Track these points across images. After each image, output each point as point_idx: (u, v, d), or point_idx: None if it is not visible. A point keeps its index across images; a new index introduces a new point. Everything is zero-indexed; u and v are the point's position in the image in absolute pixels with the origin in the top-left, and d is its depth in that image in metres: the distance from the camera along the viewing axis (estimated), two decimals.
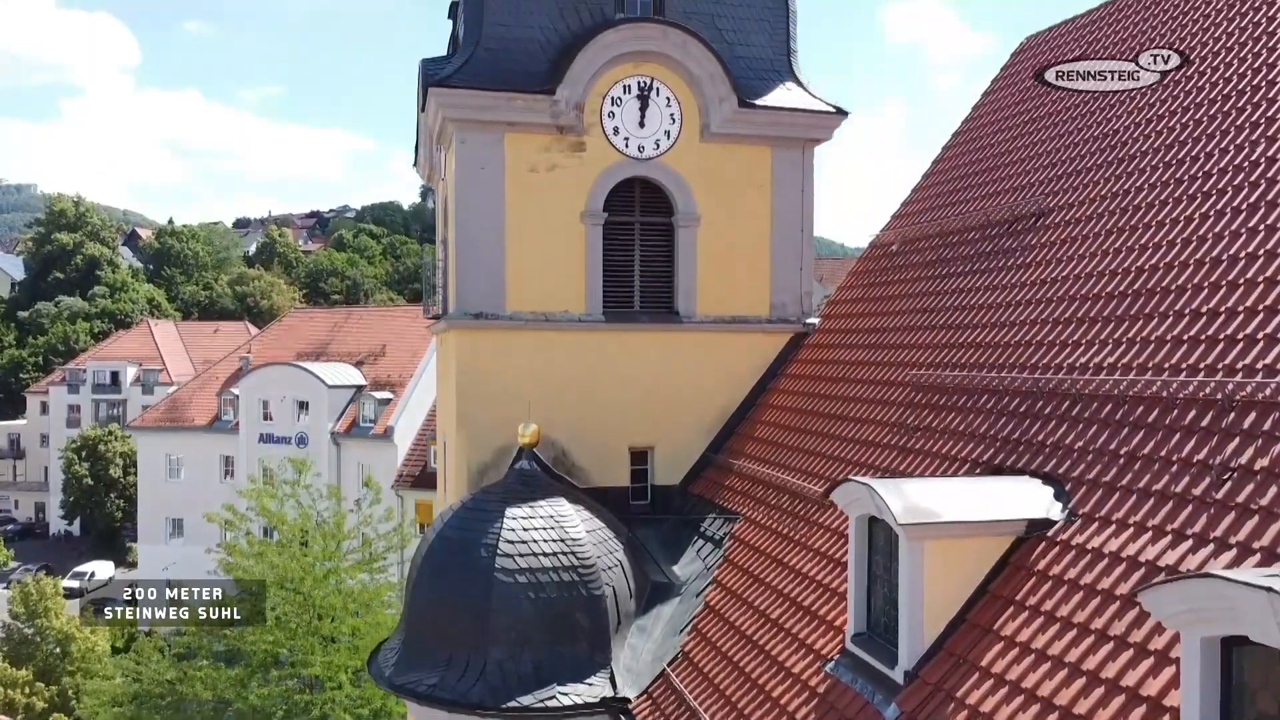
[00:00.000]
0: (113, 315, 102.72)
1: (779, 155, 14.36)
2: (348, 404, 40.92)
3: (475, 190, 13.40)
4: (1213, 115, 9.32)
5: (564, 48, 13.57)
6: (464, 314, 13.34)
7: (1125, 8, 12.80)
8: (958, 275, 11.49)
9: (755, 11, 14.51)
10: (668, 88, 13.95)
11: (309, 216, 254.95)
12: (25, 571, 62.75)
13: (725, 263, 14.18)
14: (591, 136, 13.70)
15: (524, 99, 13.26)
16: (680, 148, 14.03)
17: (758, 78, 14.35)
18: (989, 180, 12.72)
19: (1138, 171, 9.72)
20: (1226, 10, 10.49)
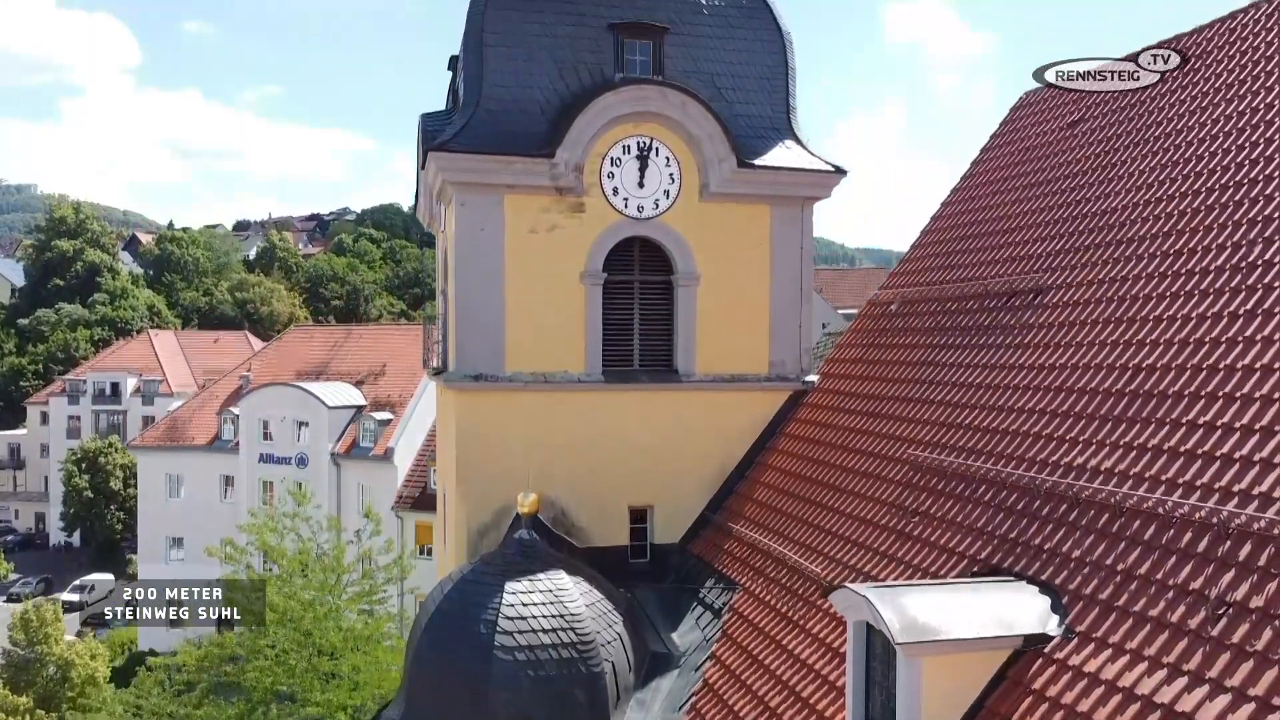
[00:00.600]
0: (113, 323, 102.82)
1: (778, 213, 14.40)
2: (348, 424, 40.94)
3: (475, 252, 13.43)
4: (1211, 206, 9.35)
5: (563, 108, 13.60)
6: (464, 376, 13.37)
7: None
8: (956, 348, 11.51)
9: (755, 70, 14.53)
10: (667, 147, 13.99)
11: (309, 219, 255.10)
12: (25, 584, 62.93)
13: (724, 321, 14.21)
14: (591, 197, 13.74)
15: (524, 162, 13.29)
16: (679, 207, 14.07)
17: (757, 136, 14.38)
18: (987, 245, 12.76)
19: (1136, 258, 9.74)
20: (1224, 93, 10.51)
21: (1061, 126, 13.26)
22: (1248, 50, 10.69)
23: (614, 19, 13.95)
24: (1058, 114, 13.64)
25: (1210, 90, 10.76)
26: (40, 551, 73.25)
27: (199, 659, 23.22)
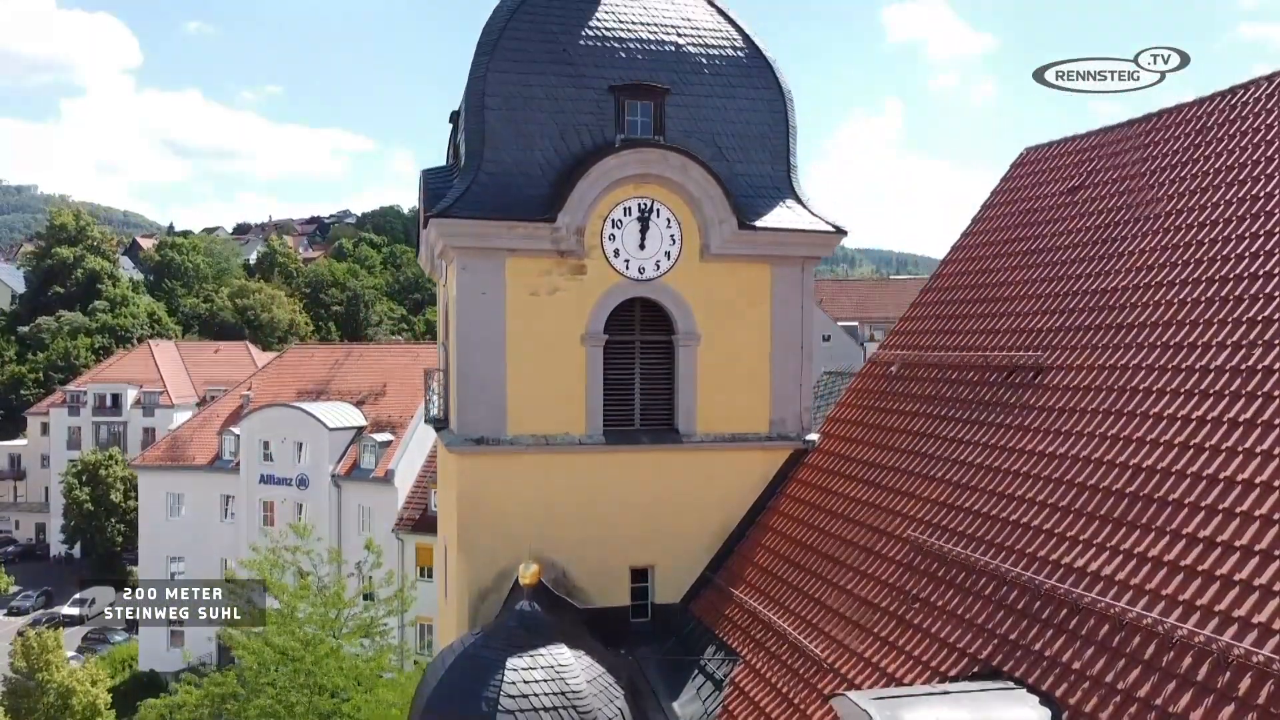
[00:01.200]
0: (113, 330, 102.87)
1: (778, 273, 14.42)
2: (348, 445, 41.01)
3: (477, 315, 13.46)
4: (1212, 299, 9.37)
5: (564, 171, 13.62)
6: (465, 440, 13.39)
7: (1128, 138, 12.86)
8: (957, 422, 11.54)
9: (756, 129, 14.56)
10: (668, 208, 14.02)
11: (309, 222, 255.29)
12: (25, 598, 63.02)
13: (725, 380, 14.24)
14: (592, 259, 13.77)
15: (525, 227, 13.33)
16: (680, 268, 14.10)
17: (758, 195, 14.41)
18: (987, 313, 12.78)
19: (1137, 347, 9.76)
20: (1227, 175, 10.53)
21: (1062, 191, 13.28)
22: (1249, 131, 10.71)
23: (615, 81, 13.98)
24: (1058, 177, 13.66)
25: (1212, 170, 10.78)
26: (41, 563, 73.37)
27: (199, 698, 23.27)
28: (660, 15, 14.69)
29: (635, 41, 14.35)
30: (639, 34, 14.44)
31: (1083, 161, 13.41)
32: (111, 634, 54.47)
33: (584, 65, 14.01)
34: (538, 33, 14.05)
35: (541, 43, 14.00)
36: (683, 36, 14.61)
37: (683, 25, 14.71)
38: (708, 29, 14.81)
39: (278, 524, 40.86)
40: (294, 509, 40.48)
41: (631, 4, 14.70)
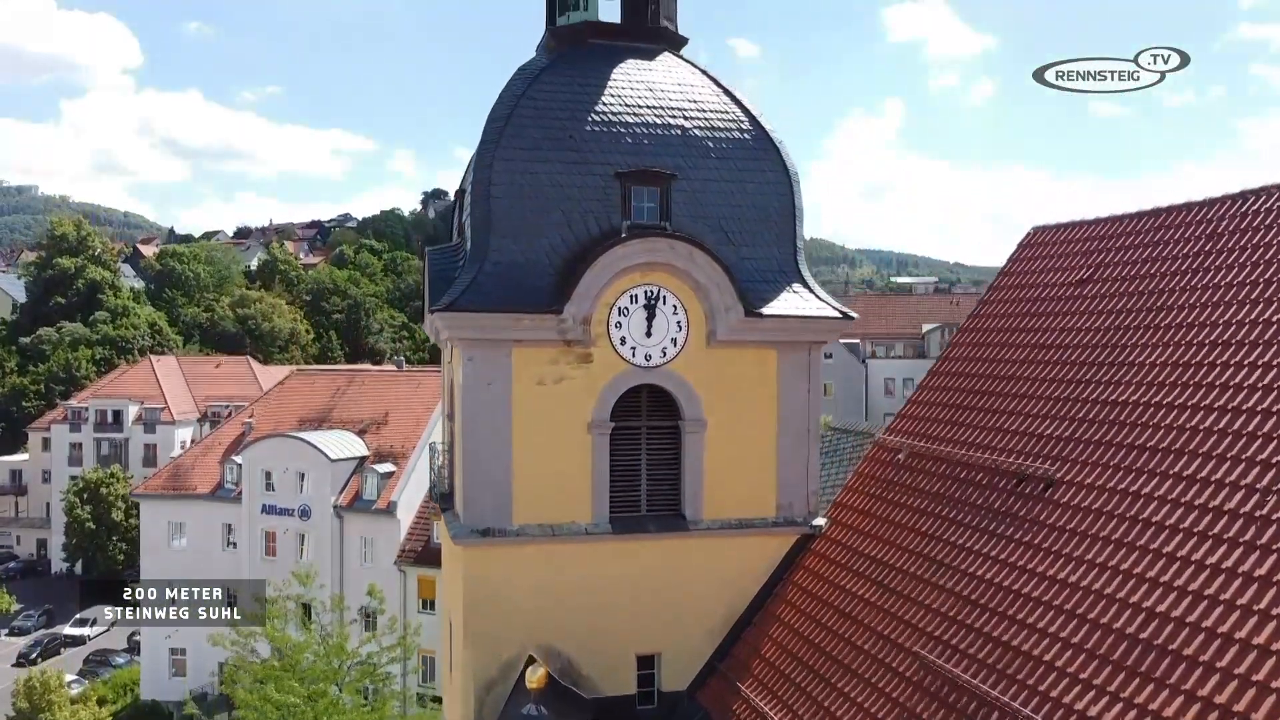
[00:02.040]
0: (114, 342, 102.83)
1: (785, 357, 14.37)
2: (350, 475, 40.97)
3: (483, 405, 13.41)
4: (1224, 432, 9.31)
5: (570, 259, 13.57)
6: (471, 531, 13.35)
7: (1136, 231, 12.81)
8: (965, 528, 11.49)
9: (762, 212, 14.51)
10: (674, 295, 13.97)
11: (310, 226, 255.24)
12: (27, 617, 62.98)
13: (732, 465, 14.19)
14: (599, 347, 13.72)
15: (532, 318, 13.29)
16: (687, 354, 14.05)
17: (764, 280, 14.36)
18: (996, 409, 12.74)
19: (1148, 473, 9.72)
20: (1238, 292, 10.49)
21: (1070, 282, 13.24)
22: (1260, 246, 10.66)
23: (621, 166, 13.93)
24: (1066, 265, 13.62)
25: (1223, 284, 10.74)
26: (42, 579, 73.34)
27: None
28: (666, 98, 14.65)
29: (641, 126, 14.30)
30: (645, 118, 14.40)
31: (1091, 251, 13.37)
32: (113, 656, 54.48)
33: (590, 151, 13.96)
34: (543, 119, 14.00)
35: (547, 130, 13.95)
36: (689, 119, 14.56)
37: (689, 108, 14.67)
38: (714, 110, 14.77)
39: (279, 554, 40.91)
40: (295, 539, 40.48)
41: (637, 86, 14.67)
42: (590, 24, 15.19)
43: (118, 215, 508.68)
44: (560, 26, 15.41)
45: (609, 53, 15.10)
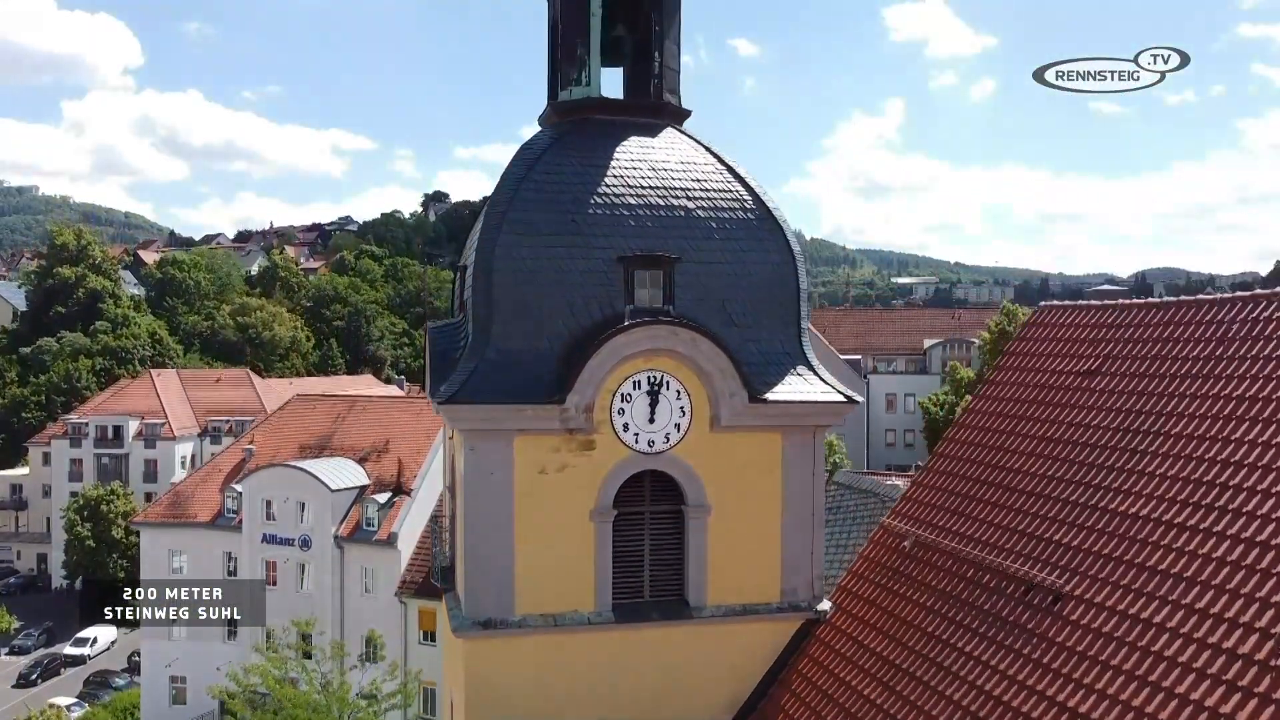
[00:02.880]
0: (115, 352, 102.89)
1: (789, 440, 14.24)
2: (351, 505, 40.88)
3: (485, 495, 13.28)
4: (1237, 565, 9.18)
5: (573, 347, 13.45)
6: (473, 623, 13.23)
7: (1145, 324, 12.69)
8: (972, 634, 11.37)
9: (766, 293, 14.37)
10: (678, 381, 13.84)
11: (310, 229, 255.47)
12: (28, 636, 62.92)
13: (736, 550, 14.06)
14: (601, 434, 13.59)
15: (534, 409, 13.16)
16: (690, 440, 13.92)
17: (768, 363, 14.22)
18: (1003, 504, 12.61)
19: (1159, 600, 9.58)
20: (1250, 408, 10.35)
21: (1078, 372, 13.12)
22: (1273, 358, 10.54)
23: (624, 250, 13.79)
24: (1074, 352, 13.50)
25: (1234, 397, 10.61)
26: (42, 595, 73.31)
27: None
28: (669, 178, 14.51)
29: (644, 208, 14.17)
30: (648, 199, 14.26)
31: (1100, 340, 13.24)
32: (113, 678, 54.40)
33: (592, 235, 13.83)
34: (546, 204, 13.87)
35: (549, 214, 13.82)
36: (692, 199, 14.43)
37: (693, 187, 14.53)
38: (717, 189, 14.63)
39: (280, 583, 40.82)
40: (296, 569, 40.41)
41: (640, 166, 14.53)
42: (592, 100, 15.06)
43: (118, 216, 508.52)
44: (562, 101, 15.28)
45: (611, 129, 14.97)
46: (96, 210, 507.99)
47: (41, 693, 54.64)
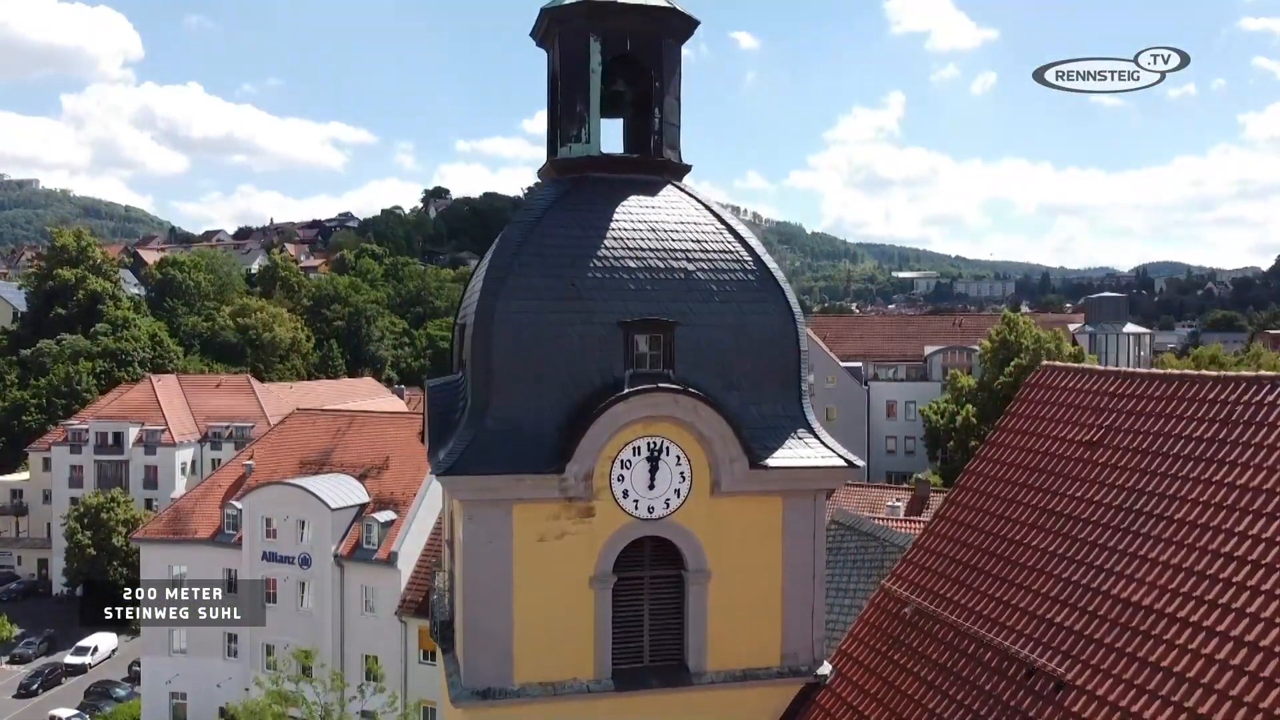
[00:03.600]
0: (115, 355, 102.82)
1: (790, 505, 14.16)
2: (351, 523, 40.84)
3: (484, 564, 13.22)
4: (1240, 669, 9.13)
5: (572, 414, 13.37)
6: (471, 693, 13.18)
7: (1148, 396, 12.61)
8: (972, 715, 11.32)
9: (766, 355, 14.27)
10: (678, 446, 13.77)
11: (310, 226, 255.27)
12: (28, 645, 62.96)
13: (736, 614, 14.00)
14: (601, 501, 13.53)
15: (533, 479, 13.09)
16: (690, 505, 13.85)
17: (768, 427, 14.13)
18: (1004, 579, 12.55)
19: (1162, 700, 9.53)
20: (1254, 499, 10.28)
21: (1081, 442, 13.05)
22: (1275, 447, 10.46)
23: (624, 315, 13.69)
24: (1076, 420, 13.42)
25: (1236, 485, 10.53)
26: (43, 600, 73.36)
27: None
28: (669, 239, 14.41)
29: (644, 271, 14.07)
30: (648, 261, 14.16)
31: (1101, 409, 13.17)
32: (114, 688, 54.42)
33: (592, 300, 13.73)
34: (545, 268, 13.78)
35: (549, 279, 13.72)
36: (692, 261, 14.33)
37: (693, 249, 14.43)
38: (717, 250, 14.53)
39: (280, 601, 40.81)
40: (296, 587, 40.41)
41: (639, 227, 14.43)
42: (592, 158, 14.95)
43: (118, 210, 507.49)
44: (561, 159, 15.18)
45: (611, 187, 14.87)
46: (97, 204, 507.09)
47: (43, 703, 54.73)
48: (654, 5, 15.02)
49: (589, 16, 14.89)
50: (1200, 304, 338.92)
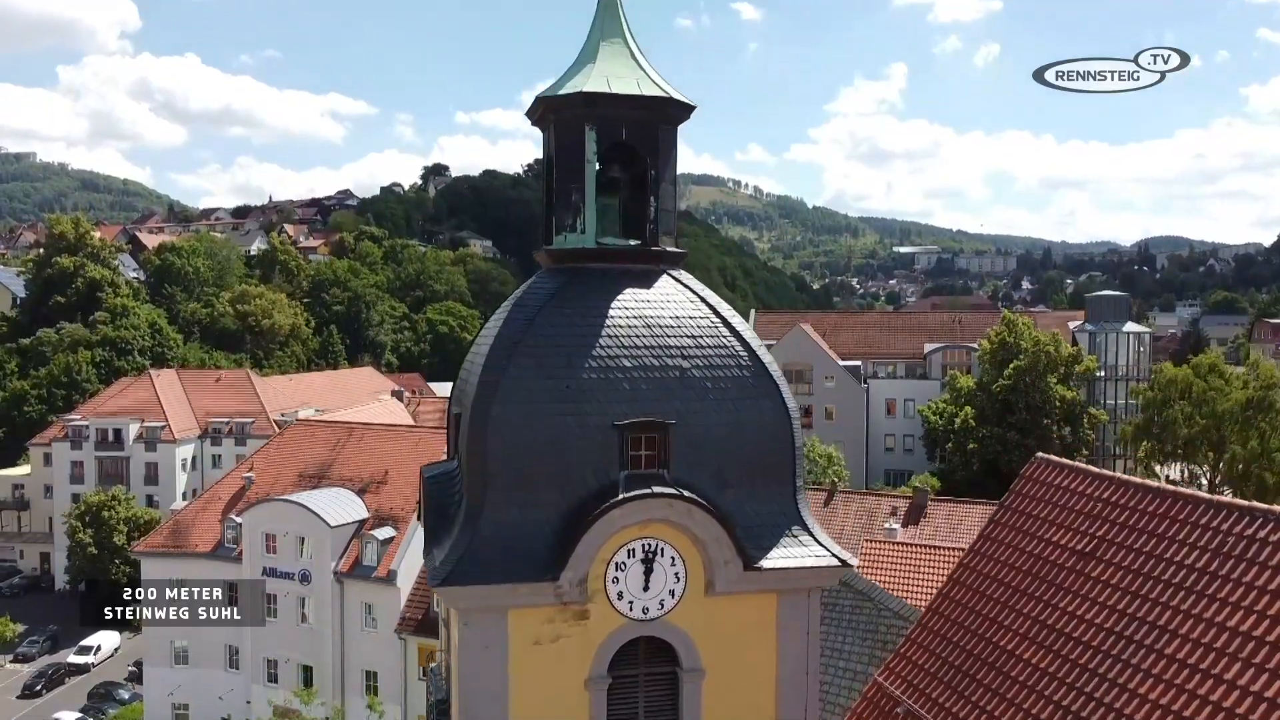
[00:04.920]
0: (114, 343, 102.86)
1: (785, 602, 14.23)
2: (350, 539, 41.04)
3: (479, 669, 13.31)
4: None
5: (568, 517, 13.41)
6: None
7: (1142, 510, 12.65)
8: None
9: (760, 454, 14.27)
10: (673, 548, 13.82)
11: (309, 205, 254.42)
12: (32, 644, 63.44)
13: (731, 710, 14.09)
14: (595, 603, 13.59)
15: (528, 587, 13.17)
16: (685, 605, 13.91)
17: (762, 525, 14.17)
18: (996, 691, 12.67)
19: None
20: (1239, 639, 10.34)
21: (1074, 550, 13.13)
22: (1268, 593, 10.51)
23: (618, 416, 13.68)
24: (1069, 525, 13.51)
25: (1227, 629, 10.60)
26: (45, 595, 73.84)
27: None
28: (664, 336, 14.38)
29: (640, 370, 14.05)
30: (643, 359, 14.14)
31: (1095, 516, 13.24)
32: (117, 690, 54.90)
33: (588, 402, 13.72)
34: (541, 370, 13.75)
35: (546, 381, 13.70)
36: (687, 358, 14.30)
37: (688, 345, 14.40)
38: (711, 346, 14.50)
39: (280, 615, 41.10)
40: (297, 602, 40.69)
41: (634, 324, 14.39)
42: (588, 250, 14.90)
43: (116, 183, 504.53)
44: (557, 249, 15.12)
45: (606, 279, 14.81)
46: (94, 177, 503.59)
47: (46, 704, 55.25)
48: (651, 96, 14.92)
49: (585, 106, 14.79)
50: (1202, 281, 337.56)
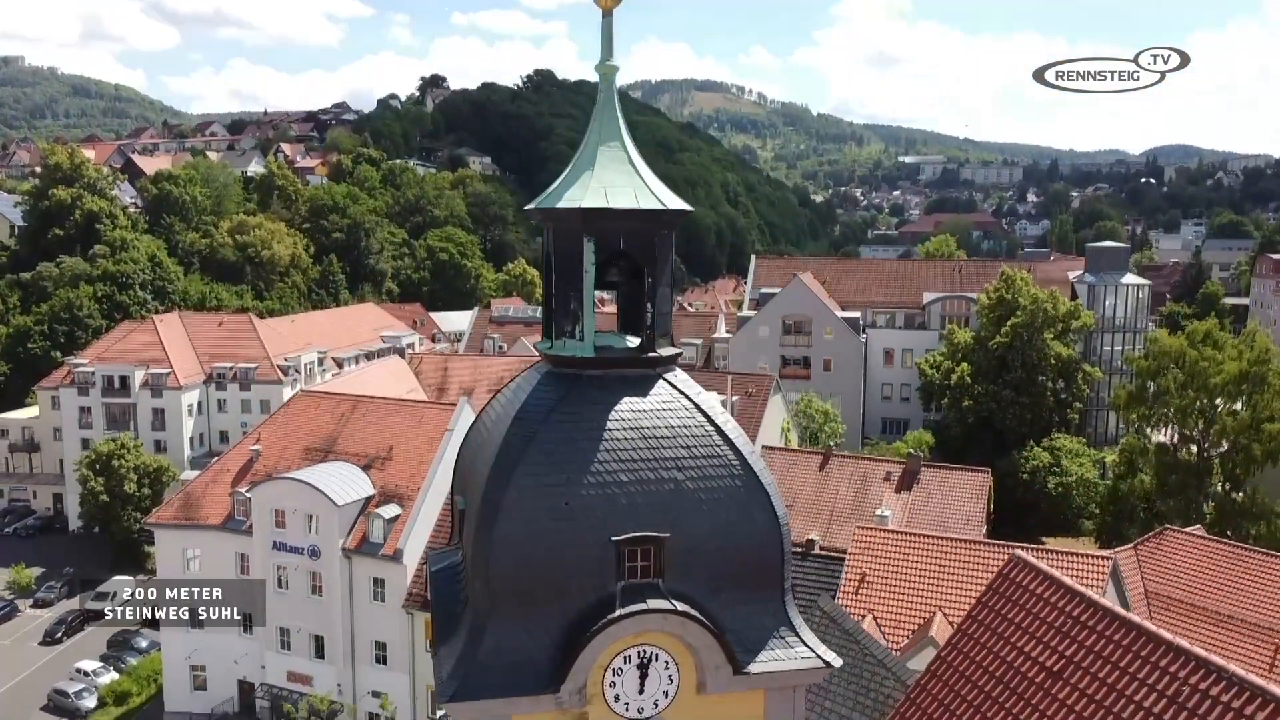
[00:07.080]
0: (115, 278, 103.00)
1: (772, 698, 15.09)
2: (358, 516, 42.09)
3: None
4: None
5: (568, 631, 14.15)
6: None
7: (1110, 639, 13.33)
8: None
9: (751, 561, 14.91)
10: (667, 653, 14.60)
11: (305, 120, 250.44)
12: (50, 589, 65.37)
13: None
14: (593, 706, 14.42)
15: (529, 700, 13.98)
16: (678, 704, 14.74)
17: (752, 628, 14.91)
18: None
19: None
20: None
21: (1044, 666, 13.85)
22: None
23: (616, 531, 14.29)
24: (1043, 636, 14.18)
25: None
26: (60, 536, 75.71)
27: None
28: (660, 448, 14.87)
29: (636, 484, 14.59)
30: (640, 473, 14.67)
31: (1065, 635, 13.92)
32: (135, 638, 56.85)
33: (587, 519, 14.31)
34: (542, 489, 14.29)
35: (547, 500, 14.26)
36: (682, 470, 14.84)
37: (683, 456, 14.91)
38: (705, 456, 15.01)
39: (291, 588, 42.44)
40: (307, 576, 42.01)
41: (631, 436, 14.87)
42: (586, 359, 15.30)
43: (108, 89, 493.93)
44: (556, 355, 15.52)
45: (604, 387, 15.25)
46: (86, 83, 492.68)
47: (67, 651, 57.31)
48: (647, 209, 15.14)
49: (584, 221, 15.04)
50: (1209, 197, 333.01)
